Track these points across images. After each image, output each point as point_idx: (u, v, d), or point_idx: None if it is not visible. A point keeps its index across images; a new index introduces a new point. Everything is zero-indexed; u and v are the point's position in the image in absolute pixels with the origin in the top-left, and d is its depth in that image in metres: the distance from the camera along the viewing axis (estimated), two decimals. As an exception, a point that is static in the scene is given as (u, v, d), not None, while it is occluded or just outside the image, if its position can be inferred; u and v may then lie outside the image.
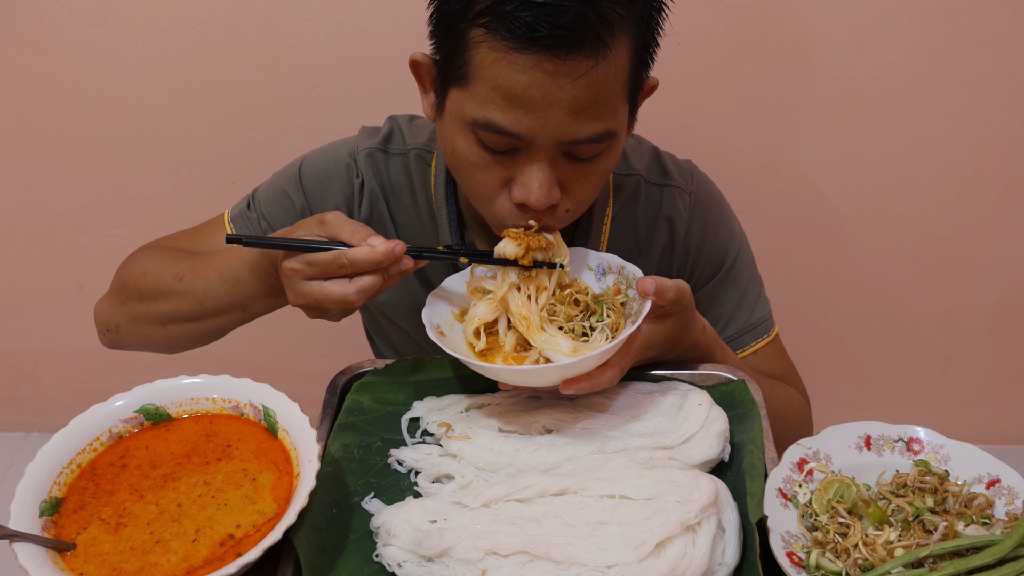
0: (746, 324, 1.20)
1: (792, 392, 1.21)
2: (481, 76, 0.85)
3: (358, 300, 0.87)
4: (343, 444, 0.90)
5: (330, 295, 0.87)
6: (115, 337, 1.16)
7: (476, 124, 0.88)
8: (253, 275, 0.99)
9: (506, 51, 0.82)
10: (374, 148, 1.15)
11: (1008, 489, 0.85)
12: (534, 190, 0.89)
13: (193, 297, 1.05)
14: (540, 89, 0.83)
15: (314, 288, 0.88)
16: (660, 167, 1.19)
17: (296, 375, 2.02)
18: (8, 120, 1.81)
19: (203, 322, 1.07)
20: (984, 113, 1.75)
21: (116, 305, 1.14)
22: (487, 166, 0.91)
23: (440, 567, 0.77)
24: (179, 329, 1.09)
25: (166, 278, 1.07)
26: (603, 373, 0.87)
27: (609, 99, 0.87)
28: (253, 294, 1.01)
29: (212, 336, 1.11)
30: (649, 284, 0.87)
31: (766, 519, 0.78)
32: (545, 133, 0.86)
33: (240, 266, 1.00)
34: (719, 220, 1.20)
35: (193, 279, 1.04)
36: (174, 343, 1.12)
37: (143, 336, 1.13)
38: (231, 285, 1.02)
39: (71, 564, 0.72)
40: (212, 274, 1.03)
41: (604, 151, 0.92)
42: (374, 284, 0.87)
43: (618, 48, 0.85)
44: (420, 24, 1.00)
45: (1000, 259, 1.97)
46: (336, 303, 0.88)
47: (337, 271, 0.86)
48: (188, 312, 1.06)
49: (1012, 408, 2.28)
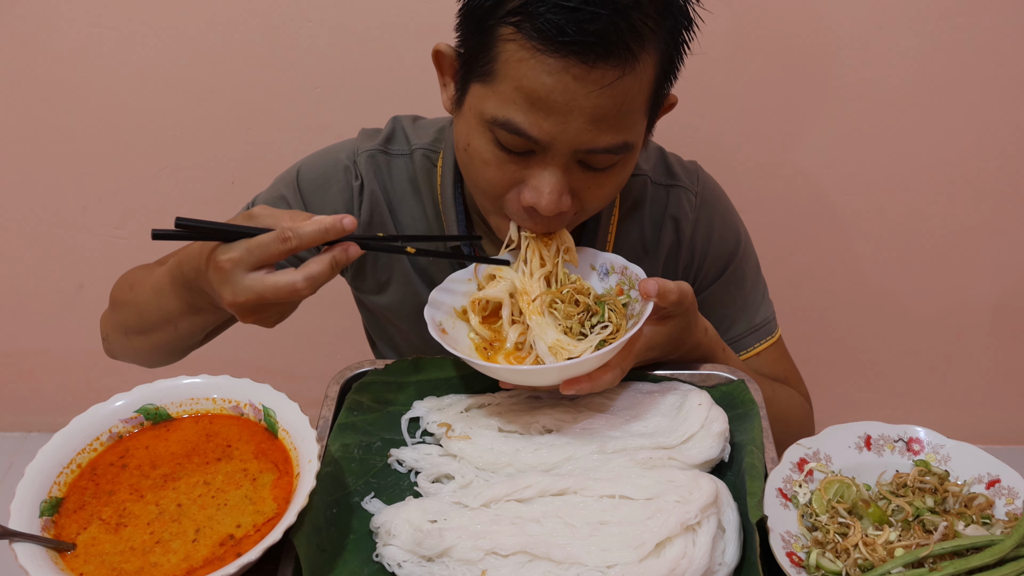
0: (750, 326, 1.20)
1: (794, 395, 1.20)
2: (506, 74, 0.85)
3: (306, 289, 0.80)
4: (343, 444, 0.90)
5: (275, 285, 0.79)
6: (108, 346, 1.17)
7: (495, 123, 0.87)
8: (172, 288, 0.95)
9: (534, 51, 0.82)
10: (375, 150, 1.14)
11: (1008, 489, 0.85)
12: (545, 195, 0.89)
13: (134, 309, 1.03)
14: (564, 94, 0.83)
15: (256, 281, 0.79)
16: (666, 168, 1.19)
17: (296, 375, 2.03)
18: (8, 120, 1.81)
19: (148, 336, 1.03)
20: (985, 113, 1.75)
21: (108, 313, 1.15)
22: (500, 164, 0.91)
23: (440, 567, 0.77)
24: (136, 341, 1.07)
25: (125, 287, 1.07)
26: (604, 374, 0.86)
27: (630, 111, 0.87)
28: (175, 309, 0.97)
29: (163, 351, 1.07)
30: (651, 286, 0.87)
31: (766, 519, 0.79)
32: (563, 139, 0.86)
33: (163, 278, 0.96)
34: (724, 221, 1.20)
35: (140, 290, 1.03)
36: (141, 355, 1.11)
37: (120, 346, 1.13)
38: (159, 297, 0.98)
39: (71, 564, 0.72)
40: (148, 286, 1.01)
41: (619, 163, 0.91)
42: (323, 271, 0.80)
43: (646, 61, 0.84)
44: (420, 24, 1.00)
45: (1000, 259, 1.97)
46: (282, 294, 0.79)
47: (281, 248, 0.79)
48: (135, 324, 1.04)
49: (1012, 408, 2.28)
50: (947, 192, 1.86)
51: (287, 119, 1.78)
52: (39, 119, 1.81)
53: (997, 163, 1.82)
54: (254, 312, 0.84)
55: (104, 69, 1.73)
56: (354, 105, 1.75)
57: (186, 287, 0.92)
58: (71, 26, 1.68)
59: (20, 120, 1.81)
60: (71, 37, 1.69)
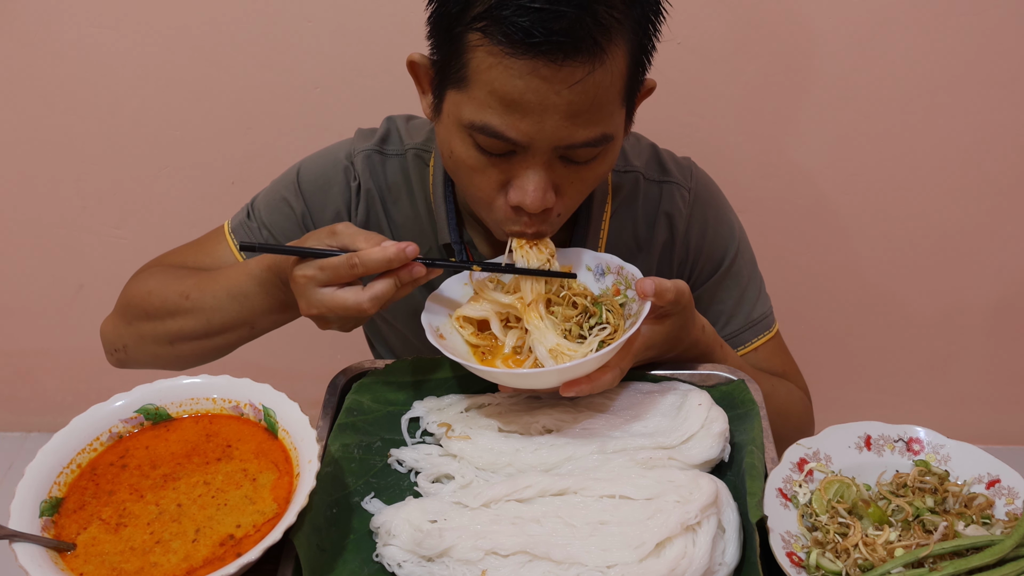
0: (747, 321, 1.20)
1: (793, 389, 1.20)
2: (478, 80, 0.85)
3: (371, 308, 0.86)
4: (343, 444, 0.90)
5: (343, 303, 0.86)
6: (123, 357, 1.16)
7: (473, 127, 0.87)
8: (260, 290, 0.99)
9: (502, 56, 0.82)
10: (371, 150, 1.15)
11: (1008, 489, 0.85)
12: (529, 193, 0.90)
13: (201, 315, 1.04)
14: (536, 95, 0.83)
15: (326, 296, 0.87)
16: (659, 164, 1.19)
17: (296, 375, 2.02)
18: (8, 120, 1.81)
19: (211, 339, 1.06)
20: (984, 113, 1.75)
21: (123, 325, 1.14)
22: (483, 169, 0.91)
23: (440, 567, 0.77)
24: (187, 347, 1.09)
25: (172, 296, 1.07)
26: (603, 375, 0.86)
27: (605, 104, 0.87)
28: (260, 309, 1.01)
29: (221, 352, 1.11)
30: (648, 285, 0.87)
31: (766, 519, 0.79)
32: (541, 138, 0.86)
33: (247, 281, 1.00)
34: (718, 216, 1.21)
35: (200, 296, 1.04)
36: (183, 360, 1.12)
37: (151, 355, 1.13)
38: (238, 301, 1.01)
39: (71, 564, 0.72)
40: (219, 291, 1.03)
41: (600, 154, 0.92)
42: (387, 291, 0.86)
43: (615, 53, 0.84)
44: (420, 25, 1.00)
45: (1000, 259, 1.97)
46: (349, 311, 0.87)
47: (349, 272, 0.86)
48: (196, 330, 1.06)
49: (1012, 408, 2.28)
50: (947, 192, 1.86)
51: (287, 119, 1.78)
52: (39, 119, 1.80)
53: (997, 163, 1.82)
54: (326, 322, 0.91)
55: (104, 69, 1.73)
56: (354, 105, 1.75)
57: (282, 286, 0.96)
58: (71, 26, 1.68)
59: (20, 120, 1.81)
60: (71, 37, 1.69)
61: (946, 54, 1.67)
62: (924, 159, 1.82)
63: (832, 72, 1.71)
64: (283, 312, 1.01)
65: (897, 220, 1.91)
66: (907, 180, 1.85)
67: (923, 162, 1.82)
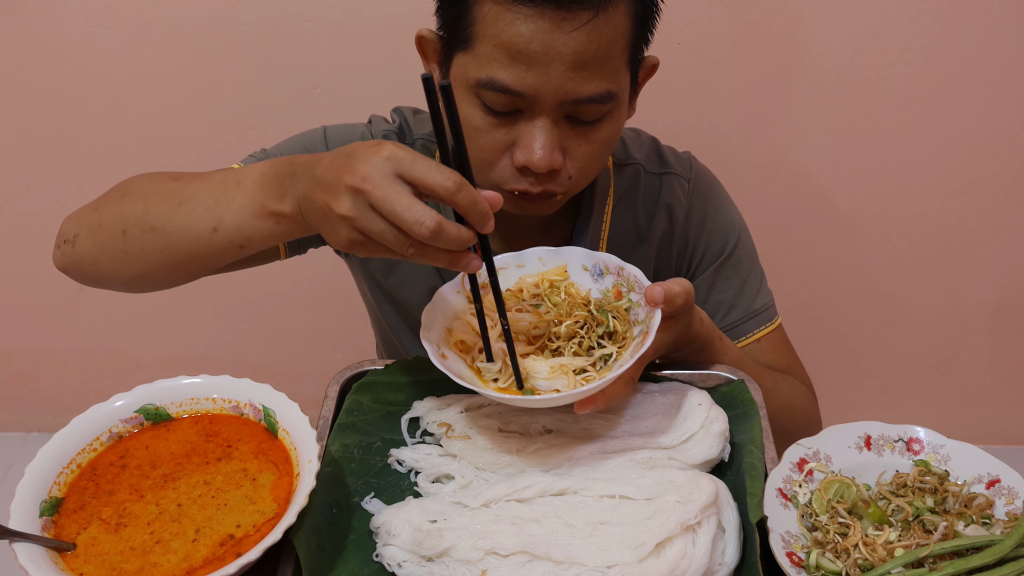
0: (748, 311, 1.20)
1: (797, 384, 1.20)
2: (484, 34, 0.88)
3: (431, 234, 0.71)
4: (343, 444, 0.90)
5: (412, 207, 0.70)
6: (68, 250, 1.00)
7: (480, 85, 0.89)
8: (257, 181, 0.86)
9: (509, 5, 0.85)
10: (389, 131, 1.17)
11: (1008, 489, 0.85)
12: (536, 150, 0.91)
13: (174, 196, 0.91)
14: (542, 43, 0.85)
15: (403, 194, 0.70)
16: (659, 156, 1.20)
17: (296, 375, 2.03)
18: (8, 120, 1.81)
19: (167, 234, 0.91)
20: (985, 113, 1.75)
21: (88, 212, 1.00)
22: (489, 130, 0.93)
23: (440, 567, 0.77)
24: (138, 240, 0.93)
25: (160, 179, 0.96)
26: (617, 390, 0.86)
27: (610, 58, 0.89)
28: (245, 203, 0.85)
29: (172, 267, 0.95)
30: (658, 293, 0.85)
31: (766, 519, 0.78)
32: (547, 90, 0.88)
33: (244, 171, 0.88)
34: (718, 207, 1.21)
35: (188, 181, 0.93)
36: (129, 259, 0.95)
37: (98, 246, 0.97)
38: (222, 187, 0.88)
39: (71, 564, 0.72)
40: (208, 176, 0.92)
41: (606, 115, 0.93)
42: (459, 236, 0.73)
43: (617, 5, 0.88)
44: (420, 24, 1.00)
45: (1000, 259, 1.97)
46: (408, 222, 0.70)
47: (445, 184, 0.71)
48: (160, 213, 0.91)
49: (1012, 408, 2.28)
50: (948, 191, 1.86)
51: (287, 119, 1.78)
52: (39, 119, 1.80)
53: (997, 163, 1.82)
54: (355, 208, 0.72)
55: (104, 69, 1.73)
56: (354, 105, 1.75)
57: (284, 177, 0.82)
58: (71, 26, 1.68)
59: (20, 120, 1.81)
60: (71, 37, 1.69)
61: (947, 53, 1.67)
62: (924, 159, 1.82)
63: (832, 72, 1.71)
64: (270, 219, 0.84)
65: (897, 220, 1.91)
66: (907, 180, 1.85)
67: (923, 162, 1.82)
